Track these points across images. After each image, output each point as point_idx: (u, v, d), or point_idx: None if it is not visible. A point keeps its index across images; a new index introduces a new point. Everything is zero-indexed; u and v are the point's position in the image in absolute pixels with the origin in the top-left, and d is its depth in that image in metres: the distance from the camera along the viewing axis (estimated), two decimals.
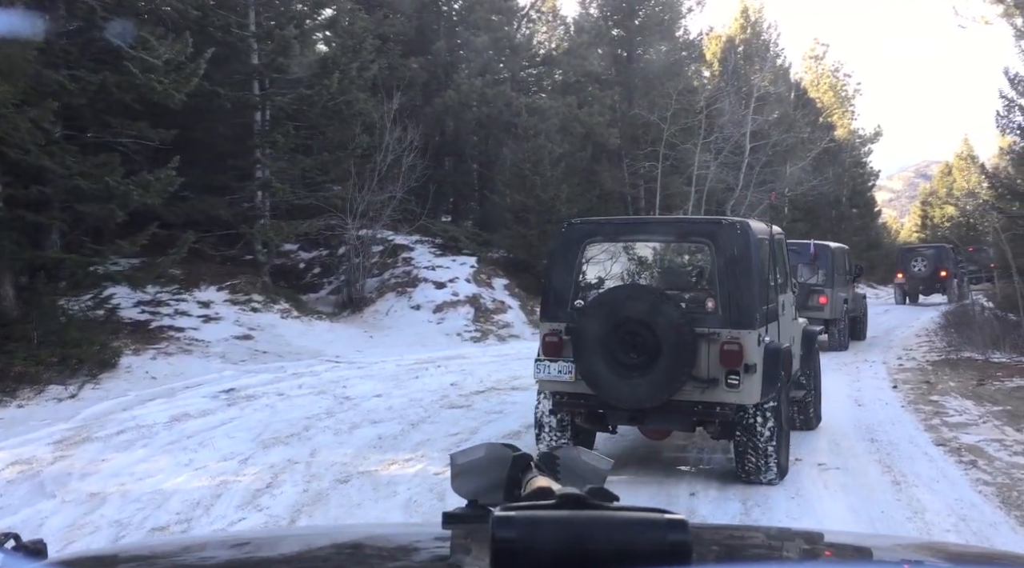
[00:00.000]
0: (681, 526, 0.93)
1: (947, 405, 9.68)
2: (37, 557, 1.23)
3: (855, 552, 1.52)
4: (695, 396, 6.19)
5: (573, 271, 6.67)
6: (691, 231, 6.85)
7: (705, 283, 6.62)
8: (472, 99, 18.50)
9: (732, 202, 23.87)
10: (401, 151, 16.56)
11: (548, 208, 18.33)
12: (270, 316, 14.57)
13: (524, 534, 0.91)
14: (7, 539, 1.22)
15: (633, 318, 6.10)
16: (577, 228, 6.88)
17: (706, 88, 25.88)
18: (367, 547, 1.52)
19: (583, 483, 1.23)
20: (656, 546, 0.92)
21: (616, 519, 0.96)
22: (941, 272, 26.24)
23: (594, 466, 1.43)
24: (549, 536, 0.93)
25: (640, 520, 0.96)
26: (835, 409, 9.65)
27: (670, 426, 6.74)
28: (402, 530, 2.38)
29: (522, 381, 12.22)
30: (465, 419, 9.42)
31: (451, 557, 1.38)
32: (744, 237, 6.31)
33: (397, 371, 12.66)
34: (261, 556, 1.46)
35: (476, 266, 18.19)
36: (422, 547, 1.50)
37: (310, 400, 10.27)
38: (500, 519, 0.93)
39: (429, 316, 16.47)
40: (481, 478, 1.40)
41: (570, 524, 0.95)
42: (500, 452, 1.42)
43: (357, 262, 16.95)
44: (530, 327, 17.53)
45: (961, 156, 61.36)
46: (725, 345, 6.08)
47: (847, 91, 44.70)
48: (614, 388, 6.20)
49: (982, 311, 22.22)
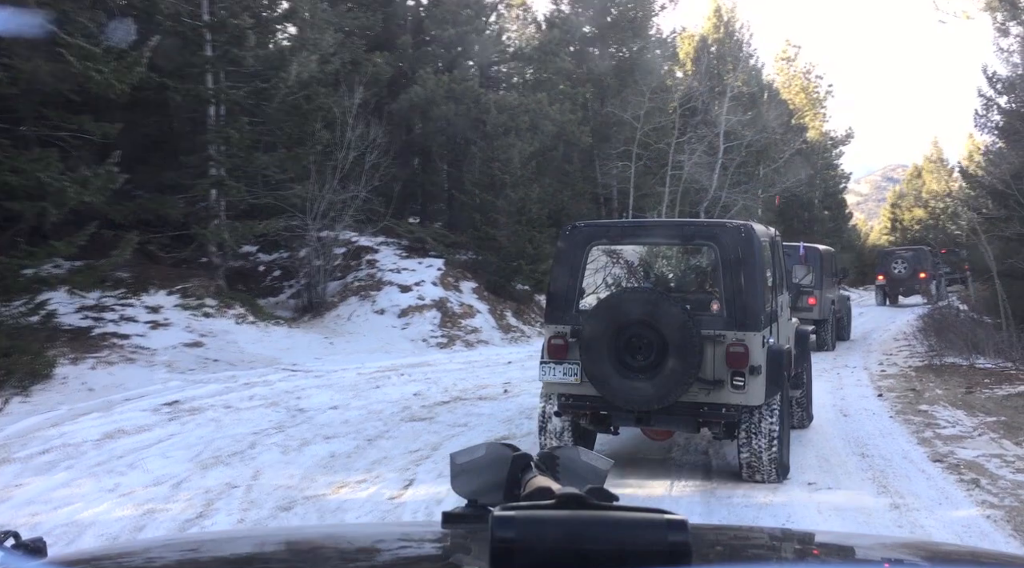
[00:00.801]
0: (681, 526, 0.92)
1: (938, 415, 9.16)
2: (36, 555, 1.22)
3: (856, 552, 1.49)
4: (701, 397, 6.23)
5: (578, 274, 6.70)
6: (696, 234, 6.84)
7: (709, 285, 6.70)
8: (439, 95, 17.78)
9: (706, 203, 23.41)
10: (364, 148, 15.81)
11: (518, 208, 17.68)
12: (224, 322, 13.77)
13: (524, 534, 0.91)
14: (6, 537, 1.21)
15: (640, 320, 6.13)
16: (581, 231, 6.88)
17: (679, 87, 25.40)
18: (367, 546, 1.51)
19: (583, 483, 1.23)
20: (656, 546, 0.91)
21: (616, 519, 0.95)
22: (920, 274, 26.87)
23: (594, 466, 1.43)
24: (549, 536, 0.92)
25: (640, 520, 0.95)
26: (821, 419, 9.11)
27: (676, 427, 6.77)
28: (402, 530, 2.31)
29: (490, 390, 11.58)
30: (427, 433, 8.75)
31: (451, 557, 1.38)
32: (748, 240, 6.34)
33: (357, 380, 11.95)
34: (260, 554, 1.46)
35: (443, 269, 17.49)
36: (422, 547, 1.49)
37: (260, 413, 9.54)
38: (499, 519, 0.92)
39: (393, 321, 15.74)
40: (481, 478, 1.39)
41: (570, 524, 0.94)
42: (500, 452, 1.41)
43: (319, 265, 16.19)
44: (499, 332, 16.87)
45: (931, 159, 61.87)
46: (731, 347, 6.13)
47: (819, 93, 44.63)
48: (621, 390, 6.22)
49: (957, 314, 22.04)
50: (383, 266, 17.17)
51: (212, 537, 2.40)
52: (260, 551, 1.49)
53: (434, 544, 1.48)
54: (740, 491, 6.31)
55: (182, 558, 1.45)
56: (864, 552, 1.52)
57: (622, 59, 24.72)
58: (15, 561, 1.18)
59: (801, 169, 33.44)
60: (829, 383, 11.70)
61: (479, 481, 1.40)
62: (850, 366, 13.82)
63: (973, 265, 28.35)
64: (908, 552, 1.54)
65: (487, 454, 1.42)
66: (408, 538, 1.63)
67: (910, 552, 1.54)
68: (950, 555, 1.58)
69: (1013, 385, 10.68)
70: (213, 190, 14.45)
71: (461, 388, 11.70)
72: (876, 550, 1.59)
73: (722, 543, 1.52)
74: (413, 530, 2.11)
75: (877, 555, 1.50)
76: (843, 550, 1.54)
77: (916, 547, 1.71)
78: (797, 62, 44.02)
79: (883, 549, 1.60)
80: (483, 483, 1.39)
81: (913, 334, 18.32)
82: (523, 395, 11.14)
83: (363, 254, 17.66)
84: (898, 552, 1.53)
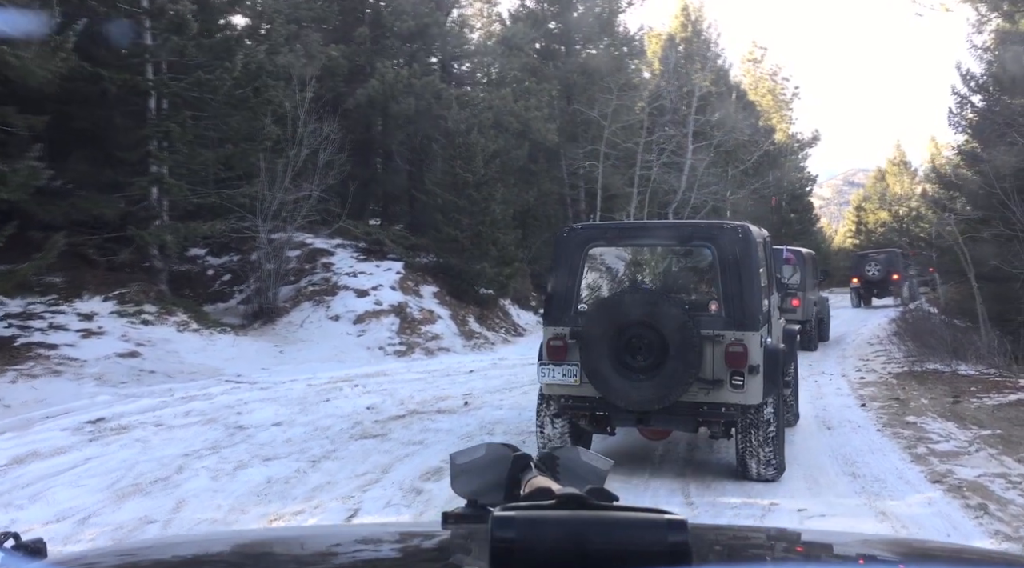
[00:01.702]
0: (681, 526, 0.92)
1: (928, 428, 8.55)
2: (37, 556, 1.22)
3: (856, 553, 1.47)
4: (700, 397, 6.26)
5: (576, 276, 6.71)
6: (693, 235, 6.84)
7: (707, 286, 6.69)
8: (398, 90, 16.93)
9: (675, 204, 22.85)
10: (318, 145, 14.92)
11: (481, 209, 16.88)
12: (164, 330, 12.82)
13: (523, 534, 0.91)
14: (7, 538, 1.21)
15: (641, 321, 6.17)
16: (578, 233, 6.94)
17: (647, 86, 24.81)
18: (366, 547, 1.50)
19: (583, 483, 1.23)
20: (656, 547, 0.91)
21: (616, 519, 0.95)
22: (893, 275, 27.44)
23: (594, 466, 1.43)
24: (549, 536, 0.92)
25: (640, 520, 0.95)
26: (804, 433, 8.48)
27: (676, 427, 6.79)
28: (402, 530, 2.23)
29: (449, 402, 10.80)
30: (377, 453, 7.97)
31: (450, 557, 1.38)
32: (746, 241, 6.39)
33: (306, 393, 11.11)
34: (261, 554, 1.47)
35: (403, 272, 16.63)
36: (421, 547, 1.49)
37: (194, 431, 8.67)
38: (499, 519, 0.92)
39: (349, 328, 14.86)
40: (481, 478, 1.39)
41: (570, 524, 0.94)
42: (500, 452, 1.41)
43: (270, 268, 15.27)
44: (461, 339, 16.07)
45: (894, 162, 62.26)
46: (730, 347, 6.17)
47: (785, 95, 44.49)
48: (622, 390, 6.26)
49: (928, 317, 21.73)
50: (339, 269, 16.28)
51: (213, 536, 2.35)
52: (260, 551, 1.49)
53: (434, 544, 1.48)
54: (724, 519, 5.63)
55: (183, 558, 1.44)
56: (865, 552, 1.50)
57: (589, 57, 24.09)
58: (15, 562, 1.16)
59: (768, 170, 33.25)
60: (808, 392, 11.08)
61: (479, 481, 1.39)
62: (827, 373, 13.25)
63: (941, 267, 28.23)
64: (910, 552, 1.53)
65: (487, 454, 1.41)
66: (408, 538, 1.63)
67: (912, 552, 1.53)
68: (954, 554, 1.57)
69: (1002, 393, 10.13)
70: (154, 189, 13.47)
71: (419, 400, 10.92)
72: (877, 550, 1.57)
73: (722, 543, 1.51)
74: (413, 530, 2.06)
75: (878, 555, 1.47)
76: (844, 550, 1.51)
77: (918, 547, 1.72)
78: (764, 64, 43.83)
79: (885, 549, 1.58)
80: (483, 483, 1.39)
81: (888, 338, 17.86)
82: (485, 408, 10.40)
83: (318, 257, 16.75)
84: (900, 552, 1.52)
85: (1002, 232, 12.55)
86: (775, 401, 6.49)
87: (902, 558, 1.42)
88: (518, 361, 15.00)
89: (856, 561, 1.41)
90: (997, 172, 13.34)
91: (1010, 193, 11.71)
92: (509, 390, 11.91)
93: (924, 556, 1.46)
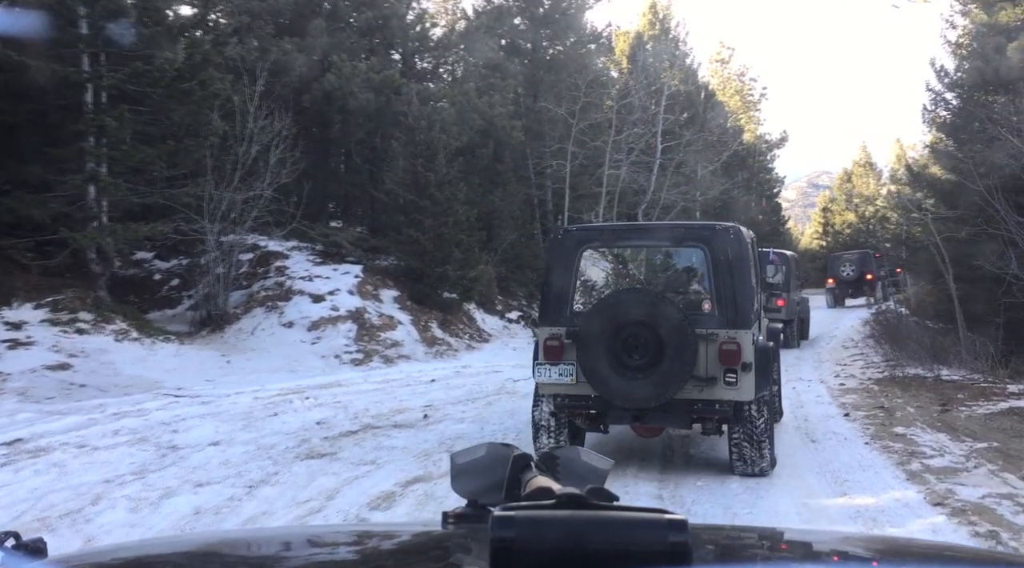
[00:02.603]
0: (681, 526, 0.92)
1: (919, 440, 7.97)
2: (37, 556, 1.21)
3: (857, 552, 1.47)
4: (694, 394, 6.38)
5: (571, 276, 6.81)
6: (686, 236, 7.00)
7: (700, 286, 6.82)
8: (355, 85, 16.12)
9: (645, 204, 22.28)
10: (269, 141, 14.07)
11: (444, 209, 16.11)
12: (101, 339, 11.92)
13: (524, 534, 0.91)
14: (7, 537, 1.20)
15: (637, 320, 6.27)
16: (573, 234, 7.05)
17: (615, 84, 24.21)
18: (366, 546, 1.50)
19: (583, 483, 1.22)
20: (656, 546, 0.91)
21: (616, 519, 0.95)
22: (867, 276, 28.07)
23: (594, 466, 1.43)
24: (549, 536, 0.92)
25: (640, 520, 0.95)
26: (787, 447, 7.86)
27: (671, 424, 6.91)
28: (402, 530, 2.12)
29: (407, 415, 10.07)
30: (324, 475, 7.24)
31: (450, 557, 1.38)
32: (738, 241, 6.54)
33: (252, 406, 10.31)
34: (261, 554, 1.45)
35: (361, 276, 15.81)
36: (421, 547, 1.48)
37: (121, 453, 7.85)
38: (500, 519, 0.92)
39: (303, 335, 14.01)
40: (481, 478, 1.39)
41: (570, 524, 0.94)
42: (500, 452, 1.40)
43: (220, 272, 14.40)
44: (423, 346, 15.30)
45: (860, 163, 62.56)
46: (724, 345, 6.30)
47: (753, 96, 44.29)
48: (619, 388, 6.36)
49: (900, 318, 21.46)
50: (294, 273, 15.42)
51: (213, 536, 2.31)
52: (260, 551, 1.48)
53: (434, 544, 1.47)
54: None
55: (184, 557, 1.43)
56: (865, 552, 1.48)
57: (556, 54, 23.47)
58: (15, 561, 1.15)
59: (737, 171, 32.93)
60: (787, 400, 10.48)
61: (479, 481, 1.38)
62: (805, 379, 12.70)
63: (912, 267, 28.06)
64: (912, 552, 1.52)
65: (487, 454, 1.41)
66: (408, 538, 1.61)
67: (914, 552, 1.52)
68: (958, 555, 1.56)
69: (991, 401, 9.62)
70: (91, 188, 12.55)
71: (374, 413, 10.18)
72: (880, 551, 1.54)
73: (722, 543, 1.49)
74: (413, 530, 1.94)
75: (879, 556, 1.45)
76: (844, 550, 1.49)
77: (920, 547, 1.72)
78: (731, 64, 43.59)
79: (889, 550, 1.57)
80: (483, 483, 1.37)
81: (863, 341, 17.42)
82: (446, 421, 9.68)
83: (272, 260, 15.89)
84: (905, 553, 1.51)
85: (983, 231, 12.07)
86: (766, 397, 6.69)
87: (909, 559, 1.38)
88: (482, 369, 14.28)
89: (858, 561, 1.39)
90: (975, 170, 12.89)
91: (993, 191, 11.23)
92: (472, 401, 11.21)
93: (931, 558, 1.43)
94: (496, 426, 9.44)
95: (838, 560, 1.39)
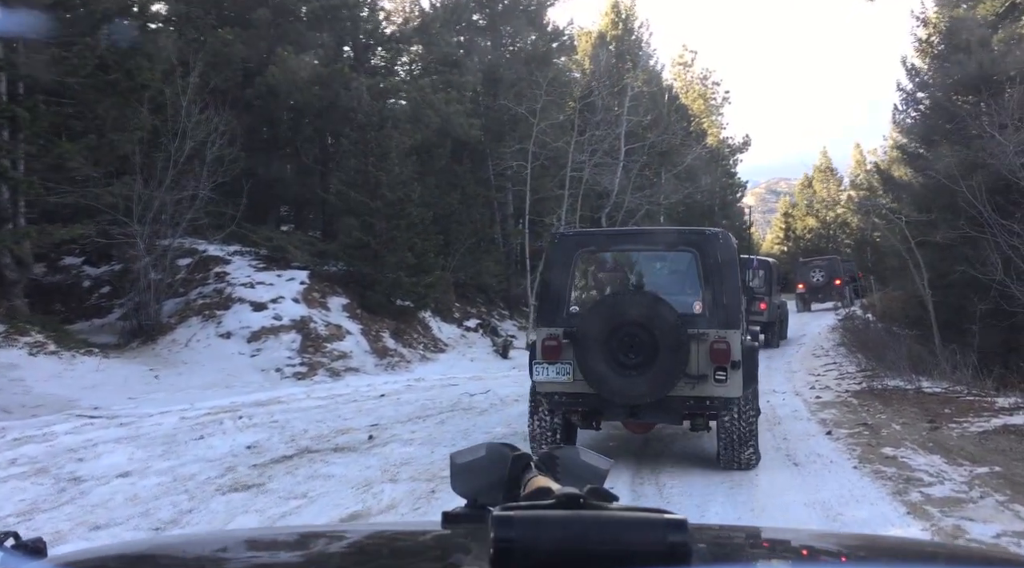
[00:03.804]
0: (680, 526, 0.91)
1: (912, 464, 7.22)
2: (36, 556, 1.17)
3: (857, 553, 1.43)
4: (686, 391, 6.60)
5: (568, 279, 7.07)
6: (678, 240, 7.25)
7: (690, 288, 6.96)
8: (301, 78, 15.11)
9: (609, 208, 21.53)
10: (205, 137, 13.01)
11: (397, 211, 15.16)
12: (11, 353, 10.78)
13: (523, 534, 0.90)
14: (6, 537, 1.16)
15: (634, 321, 6.50)
16: (570, 239, 7.36)
17: (578, 83, 23.45)
18: (366, 546, 1.48)
19: (582, 483, 1.18)
20: (655, 546, 0.90)
21: (615, 519, 0.95)
22: (836, 280, 28.65)
23: (593, 466, 1.41)
24: (548, 536, 0.91)
25: (639, 520, 0.94)
26: (767, 470, 7.09)
27: (664, 420, 7.14)
28: (401, 529, 2.09)
29: (351, 436, 9.13)
30: (245, 513, 6.30)
31: (450, 557, 1.37)
32: (726, 246, 6.85)
33: (177, 428, 9.30)
34: (261, 554, 1.45)
35: (308, 282, 14.78)
36: (421, 547, 1.47)
37: (11, 488, 6.82)
38: (499, 519, 0.91)
39: (242, 346, 12.94)
40: (480, 478, 1.38)
41: (569, 524, 0.93)
42: (500, 452, 1.39)
43: (154, 279, 13.28)
44: (373, 357, 14.30)
45: (821, 168, 62.76)
46: (714, 344, 6.55)
47: (716, 100, 43.95)
48: (616, 386, 6.58)
49: (867, 325, 21.03)
50: (235, 280, 14.34)
51: (213, 536, 2.32)
52: (260, 550, 1.46)
53: (434, 544, 1.44)
54: None
55: (184, 557, 1.41)
56: (865, 552, 1.44)
57: (516, 51, 22.66)
58: (15, 561, 1.12)
59: (701, 175, 32.43)
60: (762, 417, 9.69)
61: (479, 481, 1.37)
62: (779, 391, 11.98)
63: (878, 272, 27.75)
64: (914, 552, 1.49)
65: (487, 454, 1.39)
66: (408, 537, 1.59)
67: (916, 552, 1.50)
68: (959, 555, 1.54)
69: (981, 417, 8.94)
70: (3, 186, 11.39)
71: (314, 434, 9.24)
72: (883, 552, 1.49)
73: (721, 543, 1.48)
74: (413, 530, 1.93)
75: (880, 556, 1.42)
76: (844, 550, 1.44)
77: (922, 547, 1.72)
78: (694, 67, 43.21)
79: (893, 551, 1.51)
80: (482, 483, 1.36)
81: (834, 349, 16.81)
82: (392, 443, 8.76)
83: (211, 265, 14.79)
84: (904, 553, 1.47)
85: (965, 234, 11.45)
86: (752, 394, 7.01)
87: (910, 560, 1.32)
88: (437, 382, 13.36)
89: (859, 561, 1.32)
90: (956, 171, 12.30)
91: (977, 192, 10.60)
92: (423, 418, 10.31)
93: (933, 558, 1.38)
94: (448, 449, 8.53)
95: (838, 560, 1.36)
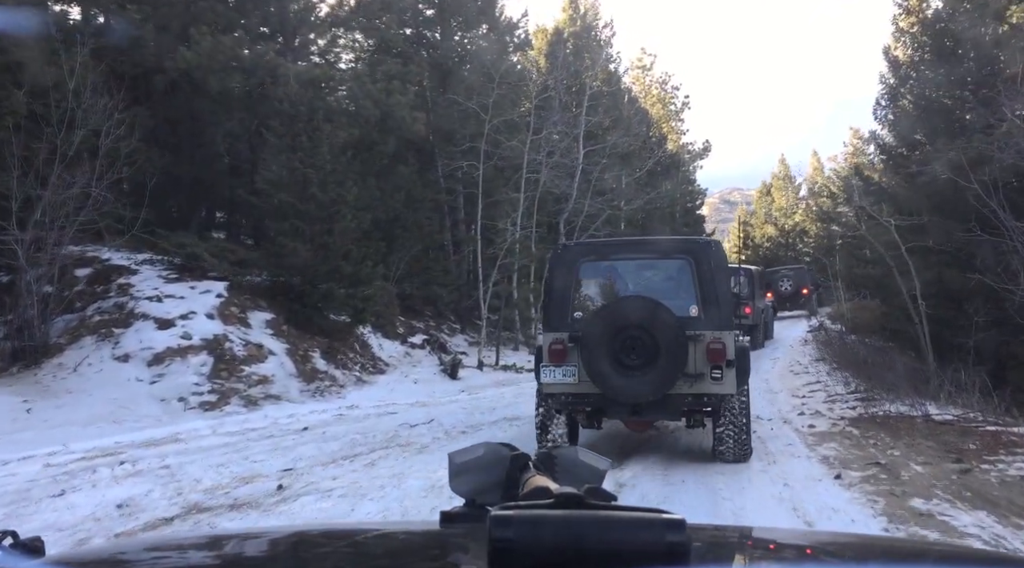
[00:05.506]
0: (679, 526, 0.91)
1: (955, 524, 5.67)
2: (35, 555, 1.19)
3: (857, 553, 1.43)
4: (685, 389, 7.18)
5: (572, 287, 7.67)
6: (673, 249, 7.84)
7: (687, 293, 7.43)
8: (217, 63, 13.31)
9: (567, 212, 19.98)
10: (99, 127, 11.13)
11: (329, 214, 13.40)
12: None
13: (522, 534, 0.90)
14: (4, 536, 1.18)
15: (635, 324, 7.02)
16: (572, 249, 7.97)
17: (532, 78, 21.94)
18: (365, 546, 1.49)
19: (581, 483, 1.21)
20: (654, 546, 0.90)
21: (614, 519, 0.94)
22: (803, 289, 29.62)
23: (592, 466, 1.42)
24: (547, 536, 0.91)
25: (638, 520, 0.94)
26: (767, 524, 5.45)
27: (665, 417, 7.81)
28: (400, 529, 2.04)
29: (256, 487, 7.37)
30: None
31: (449, 556, 1.37)
32: (718, 253, 7.57)
33: (35, 479, 7.49)
34: (260, 554, 1.44)
35: (226, 295, 12.91)
36: (420, 546, 1.47)
37: None
38: (498, 518, 0.91)
39: (141, 371, 11.03)
40: (479, 477, 1.38)
41: (568, 524, 0.93)
42: (498, 451, 1.40)
43: (38, 291, 11.34)
44: (299, 381, 12.47)
45: (779, 176, 62.34)
46: (711, 344, 7.14)
47: (675, 105, 42.85)
48: (619, 386, 7.11)
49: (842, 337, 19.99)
50: (139, 293, 12.42)
51: (212, 536, 2.15)
52: (259, 550, 1.46)
53: (432, 544, 1.45)
54: None
55: (183, 556, 1.42)
56: (865, 553, 1.44)
57: (466, 44, 21.07)
58: (13, 560, 1.14)
59: (661, 181, 31.29)
60: (753, 454, 8.16)
61: (477, 481, 1.38)
62: (764, 418, 10.48)
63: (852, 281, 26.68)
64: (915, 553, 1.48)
65: (485, 454, 1.39)
66: (406, 538, 1.59)
67: (917, 553, 1.48)
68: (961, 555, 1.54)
69: (1014, 453, 7.48)
70: None
71: (209, 485, 7.49)
72: (885, 552, 1.48)
73: (721, 543, 1.48)
74: (411, 530, 1.89)
75: (879, 556, 1.41)
76: (843, 550, 1.43)
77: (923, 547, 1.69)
78: (654, 71, 42.06)
79: (895, 552, 1.50)
80: (481, 483, 1.37)
81: (813, 365, 15.42)
82: (307, 496, 7.06)
83: (113, 276, 12.85)
84: (905, 553, 1.45)
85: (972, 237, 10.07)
86: (744, 391, 7.44)
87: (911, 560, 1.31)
88: (372, 409, 11.59)
89: (860, 562, 1.30)
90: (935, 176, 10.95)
91: (991, 191, 9.22)
92: (350, 459, 8.58)
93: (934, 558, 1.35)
94: (374, 503, 6.80)
95: (838, 561, 1.32)
